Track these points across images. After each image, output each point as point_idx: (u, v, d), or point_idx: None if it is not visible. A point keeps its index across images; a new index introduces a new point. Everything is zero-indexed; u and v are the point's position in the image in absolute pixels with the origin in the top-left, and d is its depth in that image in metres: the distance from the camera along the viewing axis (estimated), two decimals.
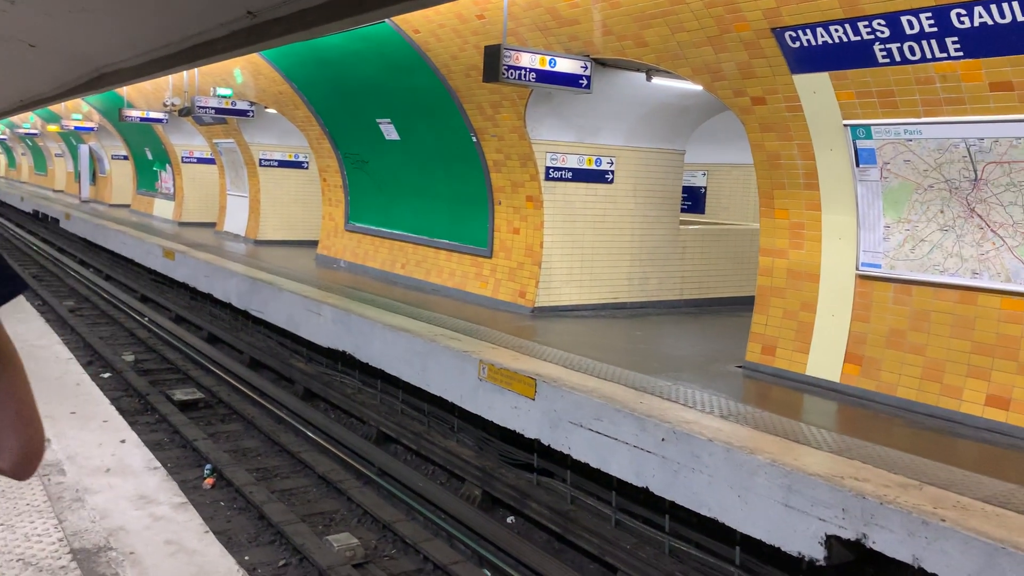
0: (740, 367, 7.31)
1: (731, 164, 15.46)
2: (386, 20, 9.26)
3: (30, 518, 3.69)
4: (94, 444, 4.67)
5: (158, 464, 4.46)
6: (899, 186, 6.12)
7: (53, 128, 28.10)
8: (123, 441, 4.76)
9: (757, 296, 7.33)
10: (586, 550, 6.05)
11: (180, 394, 9.79)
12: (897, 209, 6.18)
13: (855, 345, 6.52)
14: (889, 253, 6.28)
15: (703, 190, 16.70)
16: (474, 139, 10.01)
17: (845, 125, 6.23)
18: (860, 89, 6.00)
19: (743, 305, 9.38)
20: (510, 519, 6.77)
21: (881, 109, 5.97)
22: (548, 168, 9.45)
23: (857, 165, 6.30)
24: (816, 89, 6.28)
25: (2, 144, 45.42)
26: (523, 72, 7.54)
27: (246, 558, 6.02)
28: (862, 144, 6.20)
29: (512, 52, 7.47)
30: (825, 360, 6.71)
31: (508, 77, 7.46)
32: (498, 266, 10.16)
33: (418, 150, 11.40)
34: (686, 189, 16.50)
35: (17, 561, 3.30)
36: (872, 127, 6.08)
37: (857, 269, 6.50)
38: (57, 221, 25.37)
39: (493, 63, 7.40)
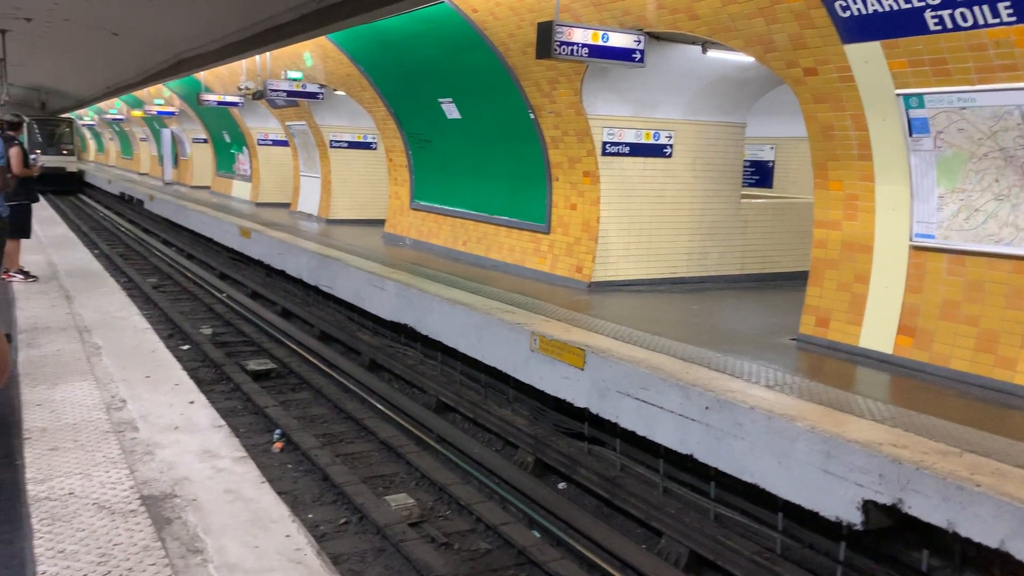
0: (794, 340, 7.32)
1: (799, 138, 15.12)
2: (444, 0, 9.46)
3: (105, 468, 4.04)
4: (165, 405, 5.04)
5: (222, 423, 4.79)
6: (953, 155, 6.04)
7: (137, 113, 29.27)
8: (192, 402, 5.12)
9: (811, 268, 7.32)
10: (633, 515, 6.21)
11: (253, 364, 10.26)
12: (951, 179, 6.10)
13: (908, 317, 6.47)
14: (943, 224, 6.21)
15: (771, 164, 16.45)
16: (532, 116, 10.15)
17: (897, 94, 6.17)
18: (912, 57, 5.93)
19: (806, 279, 9.30)
20: (562, 485, 6.97)
21: (934, 77, 5.89)
22: (605, 143, 9.53)
23: (910, 135, 6.23)
24: (868, 58, 6.23)
25: (91, 130, 47.41)
26: (576, 48, 7.64)
27: (310, 516, 6.36)
28: (915, 113, 6.13)
29: (564, 28, 7.57)
30: (878, 332, 6.68)
31: (560, 53, 7.57)
32: (556, 242, 10.31)
33: (478, 128, 11.59)
34: (754, 163, 16.32)
35: (93, 504, 3.64)
36: (925, 96, 6.01)
37: (911, 240, 6.44)
38: (142, 202, 26.50)
39: (545, 39, 7.52)
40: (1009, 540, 3.94)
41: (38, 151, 32.54)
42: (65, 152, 38.30)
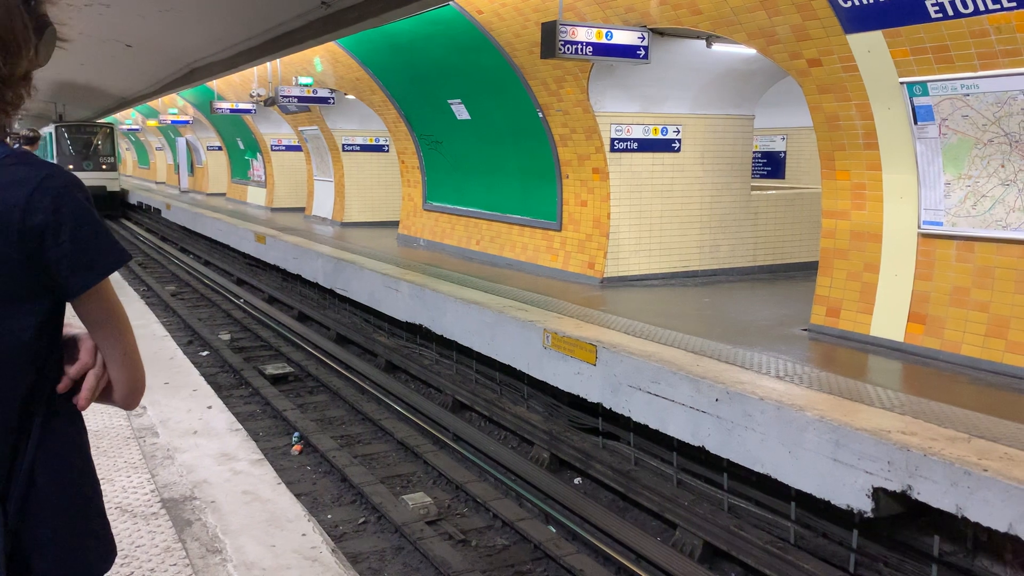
0: (806, 330, 7.35)
1: (810, 128, 15.10)
2: (451, 2, 9.53)
3: (127, 473, 4.15)
4: (184, 410, 5.15)
5: (239, 427, 4.90)
6: (958, 142, 6.05)
7: (152, 123, 29.60)
8: (209, 407, 5.23)
9: (821, 258, 7.34)
10: (648, 508, 6.27)
11: (271, 369, 10.39)
12: (957, 165, 6.11)
13: (918, 304, 6.49)
14: (950, 210, 6.22)
15: (783, 155, 16.41)
16: (540, 115, 10.21)
17: (901, 83, 6.18)
18: (914, 45, 5.94)
19: None
20: (577, 480, 7.03)
21: (936, 65, 5.91)
22: (613, 140, 9.58)
23: (915, 123, 6.25)
24: (870, 48, 6.24)
25: None
26: (580, 46, 7.69)
27: (329, 516, 6.47)
28: (919, 101, 6.14)
29: (568, 27, 7.62)
30: (889, 320, 6.70)
31: (565, 52, 7.62)
32: (567, 239, 10.37)
33: (488, 128, 11.67)
34: (765, 154, 16.29)
35: (116, 508, 3.74)
36: (928, 83, 6.02)
37: (919, 228, 6.45)
38: (159, 211, 26.77)
39: (550, 39, 7.58)
40: (1017, 523, 3.97)
41: (70, 167, 28.75)
42: (105, 167, 30.23)
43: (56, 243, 1.29)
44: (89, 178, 28.19)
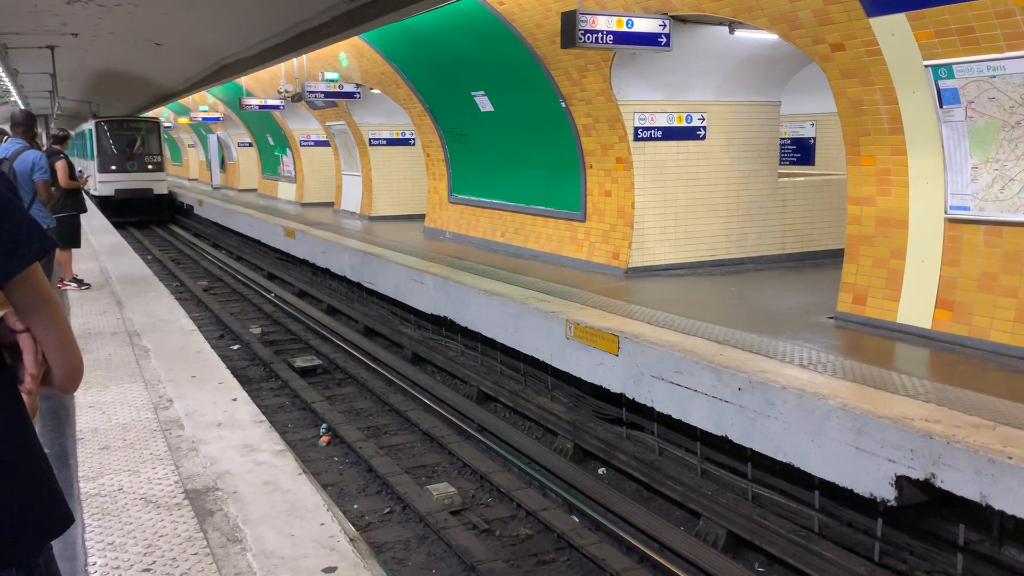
0: (832, 318, 7.28)
1: None
2: None
3: (152, 465, 4.23)
4: (209, 403, 5.23)
5: (263, 418, 4.96)
6: (985, 125, 5.94)
7: (184, 120, 29.96)
8: (234, 399, 5.30)
9: (847, 245, 7.26)
10: (672, 498, 6.26)
11: (300, 361, 10.50)
12: (984, 149, 6.01)
13: (946, 290, 6.39)
14: (978, 195, 6.12)
15: (812, 141, 16.22)
16: (563, 105, 10.19)
17: (926, 66, 6.09)
18: (939, 27, 5.84)
19: None
20: (601, 470, 7.04)
21: (962, 47, 5.80)
22: (636, 128, 9.53)
23: (941, 106, 6.15)
24: (894, 31, 6.15)
25: None
26: (600, 35, 7.67)
27: (355, 506, 6.54)
28: (944, 84, 6.04)
29: (588, 16, 7.60)
30: (916, 307, 6.61)
31: (585, 41, 7.60)
32: (592, 229, 10.35)
33: (511, 120, 11.67)
34: (794, 141, 16.12)
35: (140, 499, 3.82)
36: (953, 66, 5.92)
37: (946, 213, 6.36)
38: (191, 208, 27.11)
39: (570, 28, 7.57)
40: None
41: (112, 167, 26.05)
42: (151, 167, 26.88)
43: None
44: (133, 180, 26.29)
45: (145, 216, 27.05)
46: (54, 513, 1.52)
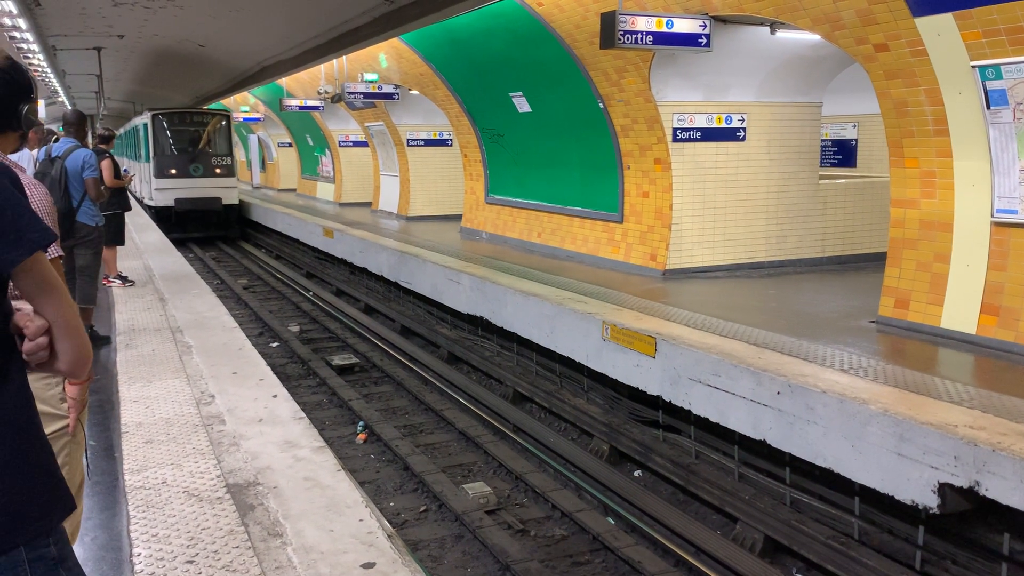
0: (873, 322, 7.18)
1: None
2: None
3: (195, 459, 4.30)
4: (250, 399, 5.31)
5: (303, 415, 5.02)
6: None
7: None
8: (275, 396, 5.37)
9: (889, 249, 7.16)
10: (708, 501, 6.22)
11: (338, 360, 10.61)
12: None
13: (992, 295, 6.27)
14: None
15: (854, 142, 15.99)
16: (601, 105, 10.17)
17: (973, 66, 5.98)
18: (987, 27, 5.74)
19: None
20: (637, 473, 7.01)
21: (1010, 47, 5.69)
22: (675, 129, 9.48)
23: (988, 107, 6.03)
24: (940, 31, 6.05)
25: None
26: (640, 36, 7.64)
27: (391, 504, 6.59)
28: (992, 85, 5.93)
29: (628, 17, 7.58)
30: (960, 312, 6.50)
31: (624, 42, 7.58)
32: (629, 230, 10.32)
33: (549, 120, 11.67)
34: (836, 143, 15.90)
35: (183, 492, 3.89)
36: (1002, 67, 5.81)
37: (992, 216, 6.24)
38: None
39: (609, 29, 7.55)
40: None
41: (172, 171, 21.44)
42: (219, 171, 22.01)
43: None
44: (198, 187, 21.58)
45: (211, 231, 22.58)
46: (56, 497, 1.59)
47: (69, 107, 29.25)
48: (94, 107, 29.43)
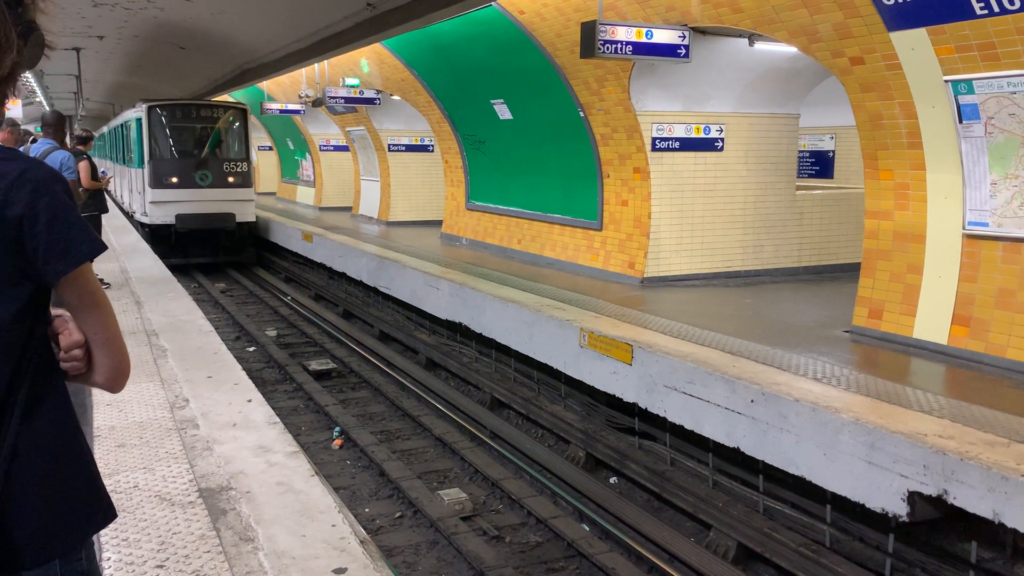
0: (847, 332, 7.25)
1: None
2: (493, 3, 9.59)
3: (167, 463, 4.28)
4: (225, 403, 5.28)
5: (277, 420, 5.01)
6: (1005, 141, 5.92)
7: None
8: (249, 401, 5.35)
9: (863, 259, 7.24)
10: (682, 508, 6.25)
11: (315, 365, 10.56)
12: (1003, 165, 5.98)
13: (963, 306, 6.36)
14: (996, 211, 6.09)
15: (831, 154, 16.16)
16: (581, 114, 10.22)
17: (946, 81, 6.07)
18: (959, 43, 5.83)
19: None
20: (612, 479, 7.03)
21: (982, 62, 5.79)
22: (654, 139, 9.55)
23: (960, 121, 6.13)
24: (914, 45, 6.14)
25: None
26: (619, 45, 7.69)
27: (366, 510, 6.57)
28: (964, 99, 6.02)
29: (608, 27, 7.63)
30: (932, 322, 6.58)
31: (605, 51, 7.63)
32: (608, 238, 10.36)
33: (530, 128, 11.71)
34: (813, 154, 16.06)
35: (155, 497, 3.87)
36: (974, 81, 5.90)
37: (964, 228, 6.33)
38: None
39: (589, 39, 7.60)
40: None
41: (173, 179, 17.11)
42: (233, 179, 17.67)
43: (33, 234, 1.40)
44: (206, 201, 17.28)
45: (220, 256, 18.22)
46: (97, 506, 1.57)
47: (47, 108, 28.97)
48: (72, 108, 29.16)
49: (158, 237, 16.92)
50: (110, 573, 3.16)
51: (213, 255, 18.15)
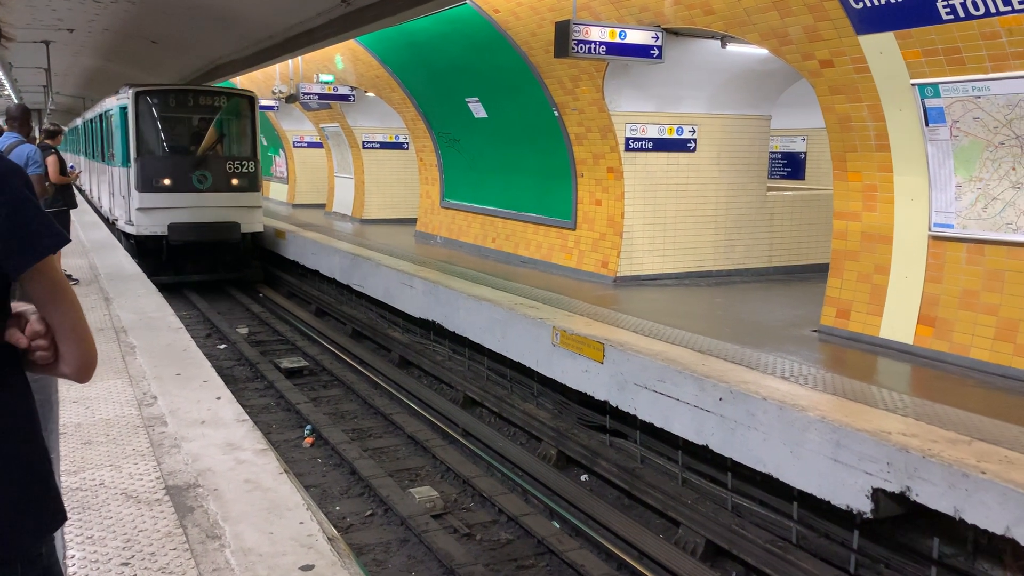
0: (816, 331, 7.34)
1: None
2: (467, 1, 9.60)
3: (134, 461, 4.25)
4: (193, 401, 5.24)
5: (246, 417, 4.98)
6: (970, 144, 6.02)
7: None
8: (218, 398, 5.32)
9: (832, 260, 7.33)
10: (652, 506, 6.29)
11: (287, 362, 10.51)
12: (968, 168, 6.08)
13: (928, 307, 6.46)
14: (961, 213, 6.19)
15: (803, 156, 16.32)
16: (556, 113, 10.25)
17: (913, 84, 6.16)
18: (926, 47, 5.92)
19: None
20: (583, 477, 7.07)
21: (948, 67, 5.88)
22: (628, 139, 9.60)
23: (927, 124, 6.23)
24: (882, 49, 6.23)
25: None
26: (593, 46, 7.73)
27: (337, 508, 6.55)
28: (930, 103, 6.12)
29: (582, 27, 7.66)
30: (898, 322, 6.68)
31: (578, 51, 7.66)
32: (582, 237, 10.40)
33: (505, 127, 11.72)
34: (785, 155, 16.22)
35: (121, 494, 3.84)
36: (940, 85, 6.00)
37: (929, 230, 6.43)
38: None
39: (563, 38, 7.62)
40: (1015, 526, 3.96)
41: (164, 182, 14.32)
42: (237, 182, 15.01)
43: None
44: (204, 208, 14.55)
45: (220, 272, 15.52)
46: (50, 508, 1.56)
47: (15, 101, 28.55)
48: (42, 101, 28.73)
49: (146, 251, 14.31)
50: (74, 571, 3.13)
51: (211, 271, 15.38)
